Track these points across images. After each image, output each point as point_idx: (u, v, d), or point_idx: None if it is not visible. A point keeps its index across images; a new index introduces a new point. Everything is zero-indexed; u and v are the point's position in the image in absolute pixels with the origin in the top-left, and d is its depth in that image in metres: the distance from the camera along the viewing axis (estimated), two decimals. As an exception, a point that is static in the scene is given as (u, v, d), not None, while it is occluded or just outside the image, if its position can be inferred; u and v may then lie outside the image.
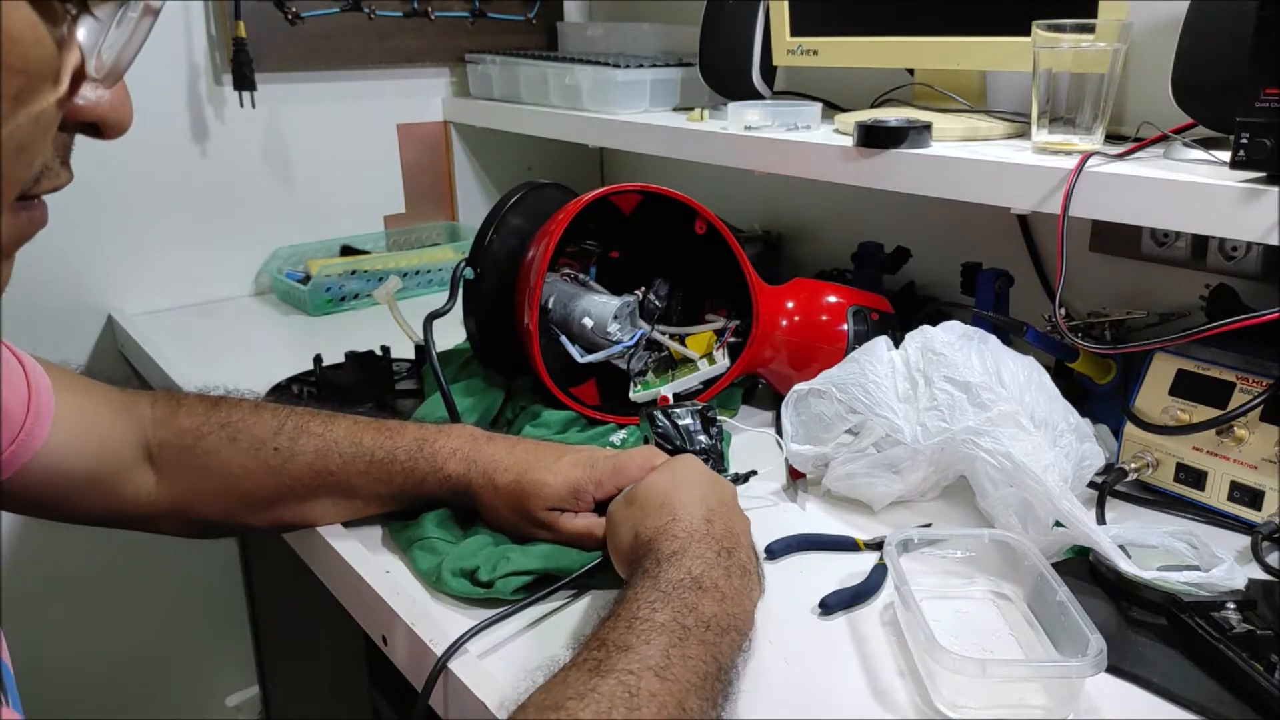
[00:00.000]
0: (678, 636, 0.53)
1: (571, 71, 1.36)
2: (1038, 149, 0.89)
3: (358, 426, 0.76)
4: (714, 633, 0.55)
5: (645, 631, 0.52)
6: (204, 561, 1.54)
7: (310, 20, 1.45)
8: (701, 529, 0.62)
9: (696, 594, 0.56)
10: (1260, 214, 0.70)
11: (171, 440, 0.73)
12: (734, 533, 0.64)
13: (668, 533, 0.61)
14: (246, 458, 0.73)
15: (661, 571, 0.58)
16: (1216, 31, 0.80)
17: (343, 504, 0.77)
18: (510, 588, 0.69)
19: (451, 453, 0.75)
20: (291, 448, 0.74)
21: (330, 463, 0.74)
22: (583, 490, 0.72)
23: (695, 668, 0.52)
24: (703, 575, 0.58)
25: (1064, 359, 0.94)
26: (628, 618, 0.54)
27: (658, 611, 0.54)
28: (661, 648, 0.51)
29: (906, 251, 1.23)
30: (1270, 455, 0.76)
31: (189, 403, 0.75)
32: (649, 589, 0.56)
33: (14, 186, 0.37)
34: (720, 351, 1.02)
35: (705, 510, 0.64)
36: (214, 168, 1.43)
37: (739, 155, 1.11)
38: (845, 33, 1.13)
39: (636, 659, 0.50)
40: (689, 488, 0.66)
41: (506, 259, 1.00)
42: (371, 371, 1.06)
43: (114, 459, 0.71)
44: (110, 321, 1.39)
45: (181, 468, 0.73)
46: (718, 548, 0.61)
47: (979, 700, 0.58)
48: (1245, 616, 0.63)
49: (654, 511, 0.64)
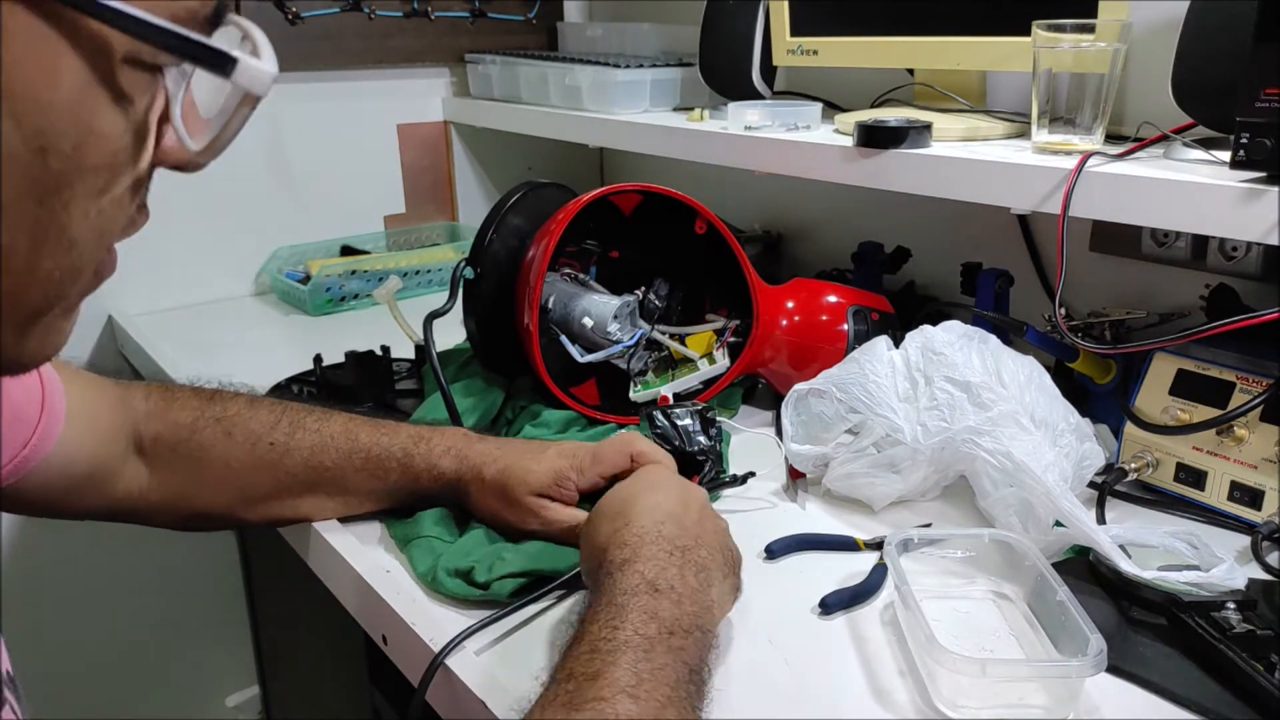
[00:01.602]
0: (643, 650, 0.52)
1: (571, 71, 1.36)
2: (1038, 149, 0.89)
3: (353, 424, 0.77)
4: (678, 636, 0.54)
5: (609, 653, 0.51)
6: (204, 561, 1.54)
7: (310, 20, 1.45)
8: (653, 531, 0.61)
9: (653, 598, 0.55)
10: (1260, 214, 0.70)
11: (165, 434, 0.73)
12: (689, 531, 0.62)
13: (618, 539, 0.61)
14: (242, 452, 0.73)
15: (614, 583, 0.57)
16: (1216, 31, 0.80)
17: (337, 500, 0.77)
18: (506, 590, 0.69)
19: (445, 450, 0.76)
20: (287, 443, 0.74)
21: (326, 459, 0.75)
22: (564, 477, 0.74)
23: (666, 678, 0.51)
24: (656, 578, 0.57)
25: (1064, 359, 0.94)
26: (590, 642, 0.53)
27: (618, 629, 0.53)
28: (629, 666, 0.51)
29: (906, 251, 1.23)
30: (1270, 455, 0.76)
31: (183, 396, 0.76)
32: (605, 606, 0.55)
33: (92, 265, 0.37)
34: (720, 351, 1.02)
35: (661, 514, 0.63)
36: (214, 167, 1.38)
37: (739, 155, 1.11)
38: (845, 33, 1.13)
39: (607, 684, 0.49)
40: (648, 493, 0.65)
41: (506, 259, 1.00)
42: (371, 371, 1.06)
43: (107, 455, 0.71)
44: (110, 321, 1.38)
45: (176, 461, 0.73)
46: (669, 548, 0.60)
47: (979, 700, 0.58)
48: (1245, 616, 0.63)
49: (609, 519, 0.63)
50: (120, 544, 1.47)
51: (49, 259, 0.34)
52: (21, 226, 0.33)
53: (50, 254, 0.34)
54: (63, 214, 0.34)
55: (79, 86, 0.32)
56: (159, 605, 1.53)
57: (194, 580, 1.55)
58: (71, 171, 0.33)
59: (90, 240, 0.36)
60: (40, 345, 0.38)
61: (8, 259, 0.33)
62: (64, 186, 0.33)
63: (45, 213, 0.33)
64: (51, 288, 0.36)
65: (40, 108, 0.31)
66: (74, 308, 0.39)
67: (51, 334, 0.39)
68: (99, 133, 0.33)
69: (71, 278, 0.36)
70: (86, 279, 0.38)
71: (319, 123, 1.51)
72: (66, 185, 0.33)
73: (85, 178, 0.34)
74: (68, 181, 0.33)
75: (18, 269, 0.34)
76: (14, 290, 0.34)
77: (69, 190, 0.33)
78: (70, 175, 0.33)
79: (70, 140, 0.32)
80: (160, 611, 1.54)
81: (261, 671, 1.47)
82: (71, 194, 0.34)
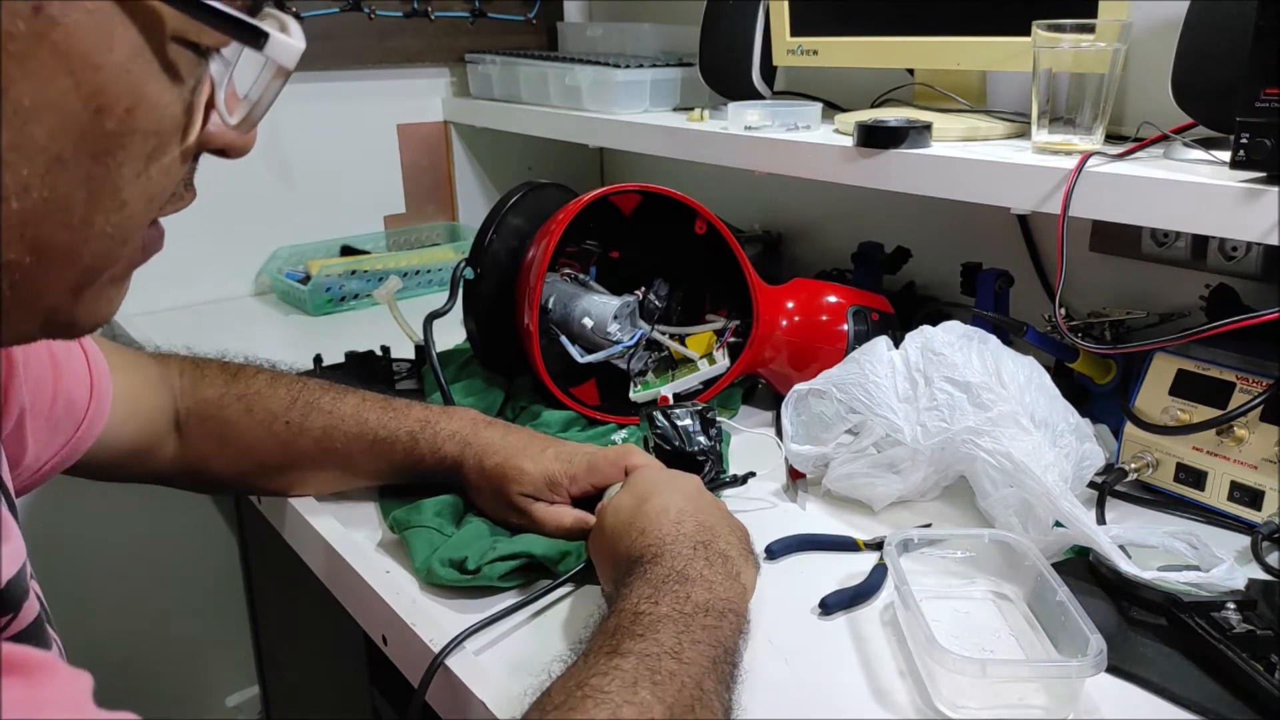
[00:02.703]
0: (682, 625, 0.54)
1: (571, 71, 1.36)
2: (1038, 149, 0.89)
3: (365, 405, 0.80)
4: (713, 617, 0.56)
5: (651, 622, 0.54)
6: (204, 562, 1.54)
7: (310, 20, 1.45)
8: (672, 532, 0.63)
9: (685, 585, 0.58)
10: (1260, 214, 0.70)
11: (195, 409, 0.78)
12: (705, 525, 0.65)
13: (639, 545, 0.63)
14: (260, 429, 0.78)
15: (647, 571, 0.59)
16: (1216, 31, 0.80)
17: (345, 476, 0.82)
18: (496, 573, 0.70)
19: (450, 435, 0.79)
20: (301, 422, 0.79)
21: (335, 439, 0.79)
22: (557, 483, 0.76)
23: (704, 651, 0.53)
24: (685, 569, 0.59)
25: (1064, 359, 0.94)
26: (630, 612, 0.55)
27: (658, 604, 0.55)
28: (671, 634, 0.53)
29: (906, 251, 1.23)
30: (1270, 455, 0.76)
31: (211, 372, 0.80)
32: (641, 585, 0.58)
33: (141, 230, 0.41)
34: (720, 351, 1.02)
35: (673, 514, 0.65)
36: (214, 167, 1.40)
37: (739, 155, 1.11)
38: (845, 33, 1.13)
39: (653, 643, 0.52)
40: (653, 498, 0.67)
41: (506, 259, 1.00)
42: (371, 371, 1.06)
43: (150, 434, 0.76)
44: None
45: (202, 435, 0.78)
46: (692, 543, 0.62)
47: (979, 700, 0.58)
48: (1245, 616, 0.63)
49: (624, 534, 0.65)
50: (120, 544, 1.47)
51: (102, 215, 0.37)
52: (78, 181, 0.36)
53: (104, 210, 0.37)
54: (115, 174, 0.37)
55: (132, 54, 0.35)
56: (159, 605, 1.53)
57: (194, 580, 1.55)
58: (125, 134, 0.36)
59: (139, 204, 0.39)
60: (92, 310, 0.41)
61: (65, 213, 0.36)
62: (117, 147, 0.36)
63: (100, 170, 0.36)
64: (104, 247, 0.38)
65: (97, 69, 0.34)
66: (123, 278, 0.42)
67: (103, 301, 0.42)
68: (149, 100, 0.36)
69: (121, 238, 0.39)
70: (134, 248, 0.41)
71: (319, 123, 1.51)
72: (120, 146, 0.36)
73: (136, 141, 0.37)
74: (121, 143, 0.36)
75: (74, 223, 0.37)
76: (70, 246, 0.37)
77: (122, 151, 0.36)
78: (124, 137, 0.36)
79: (124, 103, 0.35)
80: (160, 611, 1.54)
81: (261, 671, 1.47)
82: (125, 155, 0.36)
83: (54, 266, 0.37)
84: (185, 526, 1.53)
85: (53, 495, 1.37)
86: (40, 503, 1.39)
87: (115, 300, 0.43)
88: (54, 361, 0.65)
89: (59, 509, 1.41)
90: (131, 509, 1.47)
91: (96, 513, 1.44)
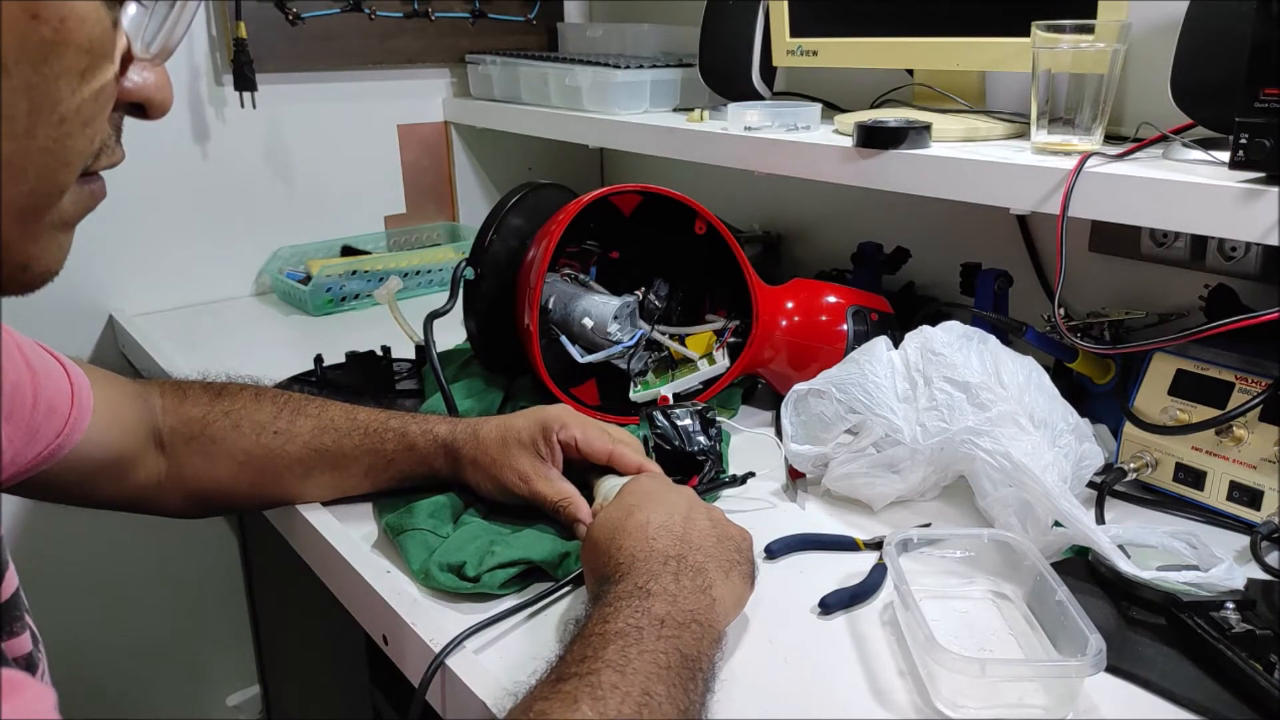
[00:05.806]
0: (632, 638, 0.54)
1: (571, 72, 1.36)
2: (1037, 149, 0.90)
3: (354, 408, 0.82)
4: (670, 628, 0.56)
5: (599, 639, 0.54)
6: (204, 562, 1.54)
7: (311, 21, 1.45)
8: (644, 549, 0.63)
9: (645, 600, 0.58)
10: (1259, 214, 0.70)
11: (180, 428, 0.78)
12: (682, 540, 0.64)
13: (613, 563, 0.63)
14: (249, 442, 0.78)
15: (610, 591, 0.60)
16: (1216, 31, 0.80)
17: (339, 477, 0.81)
18: (497, 581, 0.70)
19: (440, 420, 0.82)
20: (289, 429, 0.79)
21: (325, 439, 0.80)
22: (549, 428, 0.78)
23: (654, 659, 0.53)
24: (648, 584, 0.59)
25: (1063, 359, 0.94)
26: (585, 636, 0.55)
27: (609, 622, 0.56)
28: (617, 649, 0.53)
29: (906, 251, 1.23)
30: (1269, 455, 0.76)
31: (194, 392, 0.81)
32: (600, 607, 0.58)
33: (80, 159, 0.41)
34: (720, 351, 1.02)
35: (651, 529, 0.64)
36: (215, 168, 1.43)
37: (739, 155, 1.11)
38: (845, 33, 1.13)
39: (595, 661, 0.52)
40: (635, 513, 0.66)
41: (507, 259, 1.00)
42: (372, 371, 1.06)
43: (130, 446, 0.76)
44: (111, 321, 1.39)
45: (190, 453, 0.78)
46: (662, 559, 0.62)
47: (978, 700, 0.59)
48: (1245, 616, 0.63)
49: (605, 550, 0.65)
50: (121, 545, 1.47)
51: (43, 129, 0.39)
52: (20, 89, 0.37)
53: (45, 124, 0.38)
54: (54, 86, 0.38)
55: None
56: (159, 605, 1.53)
57: (194, 580, 1.55)
58: (60, 43, 0.37)
59: (76, 124, 0.40)
60: (43, 253, 0.42)
61: (11, 121, 0.37)
62: (54, 56, 0.38)
63: (39, 80, 0.37)
64: (46, 164, 0.40)
65: None
66: (70, 223, 0.43)
67: (53, 245, 0.43)
68: (79, 14, 0.38)
69: (62, 158, 0.40)
70: (79, 192, 0.42)
71: (319, 123, 1.51)
72: (56, 55, 0.38)
73: (70, 54, 0.38)
74: (57, 52, 0.38)
75: (18, 133, 0.38)
76: (12, 158, 0.38)
77: (59, 61, 0.38)
78: (59, 46, 0.38)
79: (58, 13, 0.37)
80: (160, 611, 1.54)
81: (261, 671, 1.47)
82: (61, 66, 0.38)
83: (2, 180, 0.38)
84: (185, 526, 1.51)
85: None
86: (40, 503, 1.39)
87: (64, 246, 0.44)
88: (30, 368, 0.66)
89: (59, 509, 1.40)
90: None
91: (97, 512, 1.44)
